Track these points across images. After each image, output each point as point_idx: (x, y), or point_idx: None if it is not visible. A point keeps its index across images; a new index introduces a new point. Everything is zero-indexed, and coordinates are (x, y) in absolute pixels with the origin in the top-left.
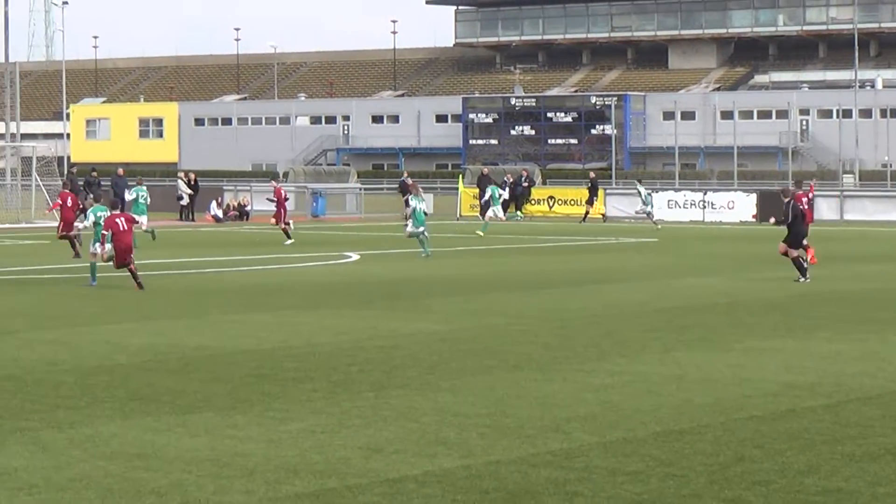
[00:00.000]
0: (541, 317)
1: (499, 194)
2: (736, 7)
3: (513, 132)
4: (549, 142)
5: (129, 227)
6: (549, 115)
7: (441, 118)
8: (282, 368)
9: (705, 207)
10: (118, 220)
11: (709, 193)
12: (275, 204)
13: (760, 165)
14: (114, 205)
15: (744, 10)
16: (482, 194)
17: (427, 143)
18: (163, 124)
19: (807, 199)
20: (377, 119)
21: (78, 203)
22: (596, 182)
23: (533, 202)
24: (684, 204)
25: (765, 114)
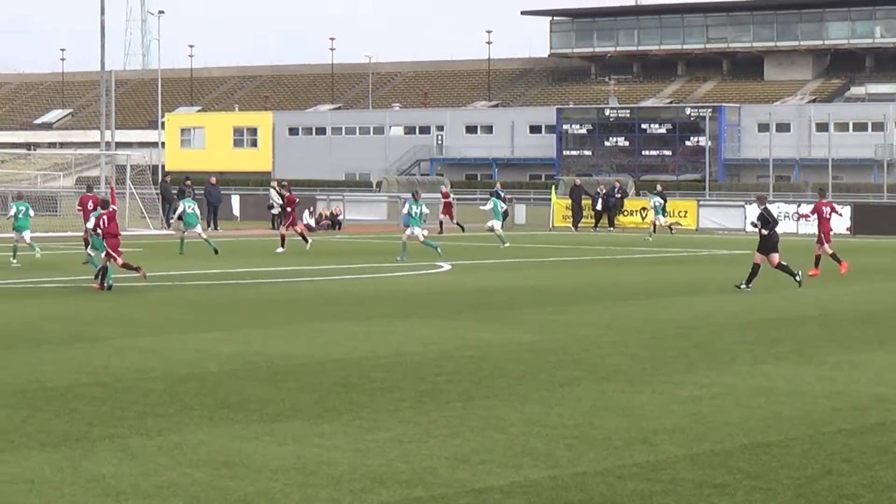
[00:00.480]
0: (630, 328)
1: (501, 207)
2: (832, 18)
3: (607, 143)
4: (643, 153)
5: (115, 221)
6: (643, 126)
7: (535, 129)
8: (370, 378)
9: (799, 220)
10: (102, 219)
11: (802, 206)
12: (280, 208)
13: (855, 178)
14: (104, 204)
15: (840, 21)
16: (575, 205)
17: (520, 153)
18: (257, 133)
19: (829, 208)
20: (471, 129)
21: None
22: (664, 194)
23: (625, 213)
24: (778, 216)
25: (860, 126)
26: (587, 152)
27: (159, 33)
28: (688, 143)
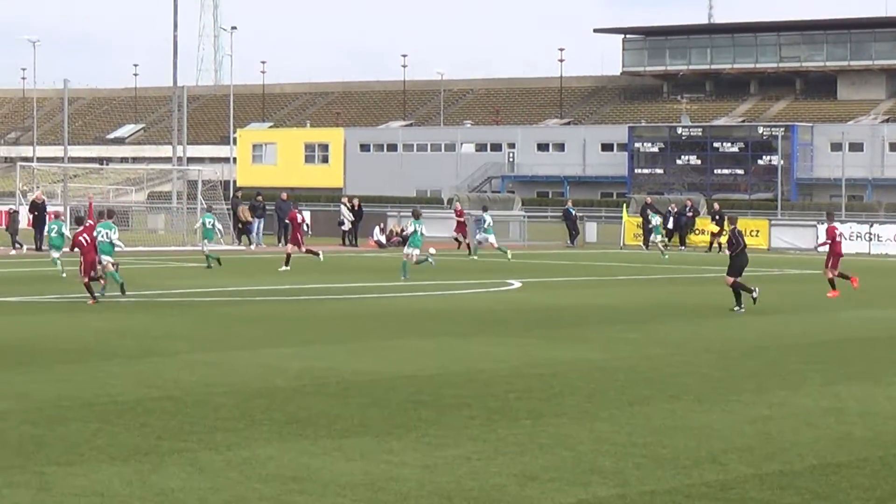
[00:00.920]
0: (700, 347)
1: (488, 224)
2: None
3: (679, 161)
4: (715, 172)
5: (92, 242)
6: (715, 144)
7: (607, 147)
8: (440, 395)
9: (871, 240)
10: (81, 238)
11: (875, 226)
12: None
13: None
14: (78, 220)
15: None
16: (645, 223)
17: (592, 171)
18: (328, 150)
19: (839, 231)
20: (542, 147)
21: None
22: (722, 213)
23: (697, 232)
24: (850, 236)
25: None
26: (659, 170)
27: (231, 49)
28: (760, 161)
